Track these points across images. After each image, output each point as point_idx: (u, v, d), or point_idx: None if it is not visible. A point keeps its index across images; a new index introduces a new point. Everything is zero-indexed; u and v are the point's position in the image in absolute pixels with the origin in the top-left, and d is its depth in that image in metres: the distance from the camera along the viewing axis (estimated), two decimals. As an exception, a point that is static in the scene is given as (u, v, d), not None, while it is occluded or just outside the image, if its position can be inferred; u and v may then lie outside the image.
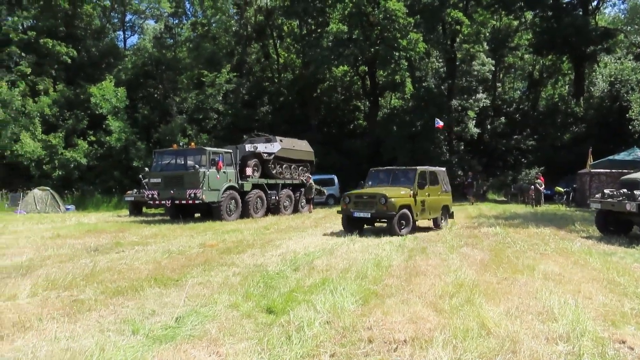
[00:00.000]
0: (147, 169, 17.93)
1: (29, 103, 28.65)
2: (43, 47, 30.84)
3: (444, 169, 14.30)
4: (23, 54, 30.84)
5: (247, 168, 17.95)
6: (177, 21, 40.42)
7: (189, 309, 5.11)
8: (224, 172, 16.65)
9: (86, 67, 33.74)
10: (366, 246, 9.71)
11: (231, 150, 17.71)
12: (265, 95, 34.89)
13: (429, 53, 30.90)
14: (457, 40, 31.16)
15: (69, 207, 24.25)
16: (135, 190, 21.31)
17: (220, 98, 31.66)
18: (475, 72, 31.15)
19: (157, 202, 16.69)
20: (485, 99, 31.92)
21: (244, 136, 26.14)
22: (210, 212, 16.79)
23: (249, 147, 18.78)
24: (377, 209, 11.69)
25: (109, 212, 22.95)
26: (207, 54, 34.36)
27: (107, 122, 28.47)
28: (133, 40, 42.34)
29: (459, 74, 31.68)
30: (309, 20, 32.84)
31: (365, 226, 12.99)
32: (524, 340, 4.04)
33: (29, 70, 30.32)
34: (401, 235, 11.32)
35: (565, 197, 24.02)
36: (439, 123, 26.64)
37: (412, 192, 12.13)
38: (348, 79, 37.03)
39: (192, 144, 20.56)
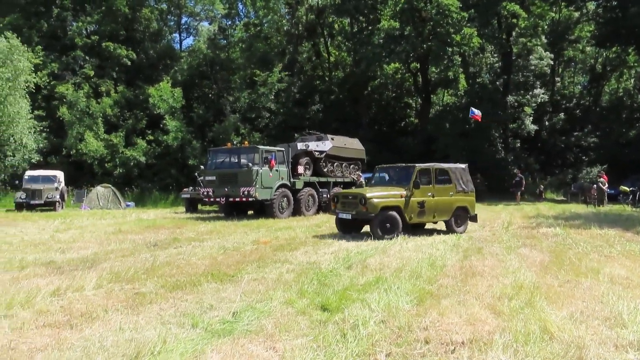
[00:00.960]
0: (202, 167, 18.41)
1: (93, 104, 30.06)
2: (105, 51, 32.31)
3: (463, 166, 12.40)
4: (87, 57, 32.43)
5: (298, 166, 18.12)
6: (230, 22, 41.24)
7: (245, 304, 5.20)
8: (277, 170, 16.86)
9: (145, 68, 35.05)
10: (419, 245, 9.57)
11: (283, 149, 17.90)
12: (316, 93, 35.04)
13: (483, 48, 30.08)
14: (513, 34, 30.15)
15: (129, 203, 25.28)
16: (191, 187, 21.93)
17: (272, 97, 32.06)
18: (533, 67, 30.07)
19: (212, 199, 17.11)
20: (543, 94, 30.76)
21: (295, 134, 26.37)
22: (263, 209, 17.04)
23: (300, 146, 18.93)
24: (357, 210, 11.04)
25: (166, 209, 23.77)
26: (260, 54, 34.89)
27: (164, 121, 29.47)
28: (188, 42, 43.64)
29: (515, 69, 30.67)
30: (360, 17, 32.71)
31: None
32: (591, 346, 3.86)
33: (92, 73, 31.83)
34: (383, 239, 10.31)
35: (631, 197, 22.76)
36: (474, 113, 24.68)
37: (406, 192, 11.10)
38: (399, 76, 36.61)
39: (246, 142, 20.96)
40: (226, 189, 16.36)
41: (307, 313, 4.88)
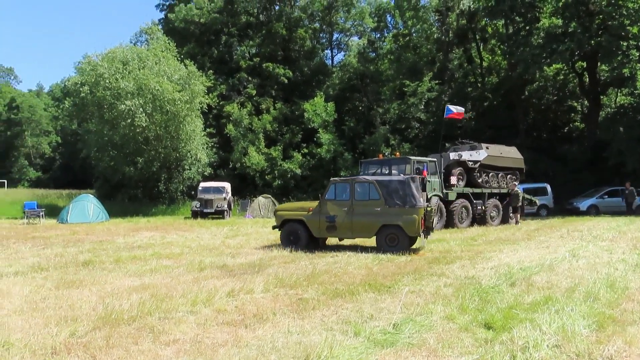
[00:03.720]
0: (354, 178, 18.81)
1: (255, 121, 32.73)
2: (265, 71, 35.06)
3: (402, 178, 10.89)
4: (250, 78, 35.47)
5: (451, 177, 17.59)
6: (379, 35, 41.89)
7: (405, 316, 5.19)
8: (428, 180, 16.56)
9: (300, 85, 37.19)
10: (593, 264, 8.63)
11: (435, 159, 17.56)
12: (468, 100, 33.73)
13: (668, 39, 26.22)
14: None
15: (287, 212, 26.81)
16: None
17: (422, 107, 31.69)
18: None
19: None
20: None
21: (446, 144, 25.68)
22: (415, 220, 16.84)
23: (453, 156, 18.38)
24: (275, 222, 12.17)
25: (319, 218, 24.70)
26: (409, 64, 34.79)
27: (318, 135, 30.88)
28: (339, 57, 45.26)
29: None
30: (516, 18, 30.79)
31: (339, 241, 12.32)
32: None
33: (254, 92, 34.72)
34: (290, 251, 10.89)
35: None
36: (452, 112, 20.74)
37: (316, 206, 11.30)
38: (562, 77, 33.55)
39: (397, 153, 20.95)
40: (378, 200, 16.51)
41: (470, 330, 4.71)
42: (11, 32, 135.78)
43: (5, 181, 53.05)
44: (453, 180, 17.53)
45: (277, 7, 39.95)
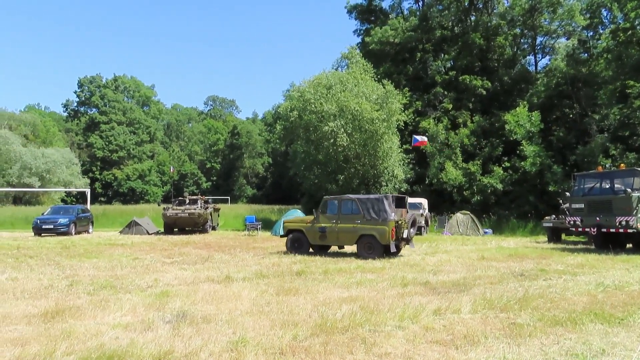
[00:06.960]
0: (567, 193, 16.99)
1: (451, 135, 31.98)
2: (461, 84, 34.08)
3: (377, 196, 13.20)
4: (445, 93, 34.90)
5: (696, 191, 14.63)
6: (592, 33, 37.37)
7: (648, 356, 4.41)
8: (664, 196, 14.05)
9: (499, 95, 35.16)
10: None
11: (676, 171, 14.84)
12: None
13: None
14: None
15: (487, 230, 25.48)
16: (554, 215, 20.54)
17: (652, 109, 27.18)
18: None
19: (579, 229, 15.55)
20: None
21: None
22: (647, 243, 14.44)
23: (698, 166, 15.31)
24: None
25: (525, 237, 22.90)
26: (633, 62, 30.20)
27: (521, 147, 28.74)
28: (544, 62, 41.51)
29: None
30: None
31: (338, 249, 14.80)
32: None
33: (450, 106, 34.00)
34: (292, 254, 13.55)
35: None
36: (417, 140, 23.43)
37: (314, 218, 13.77)
38: None
39: (622, 165, 18.27)
40: (598, 218, 14.58)
41: None
42: (233, 69, 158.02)
43: (229, 198, 61.35)
44: (699, 195, 14.55)
45: (472, 18, 38.72)
